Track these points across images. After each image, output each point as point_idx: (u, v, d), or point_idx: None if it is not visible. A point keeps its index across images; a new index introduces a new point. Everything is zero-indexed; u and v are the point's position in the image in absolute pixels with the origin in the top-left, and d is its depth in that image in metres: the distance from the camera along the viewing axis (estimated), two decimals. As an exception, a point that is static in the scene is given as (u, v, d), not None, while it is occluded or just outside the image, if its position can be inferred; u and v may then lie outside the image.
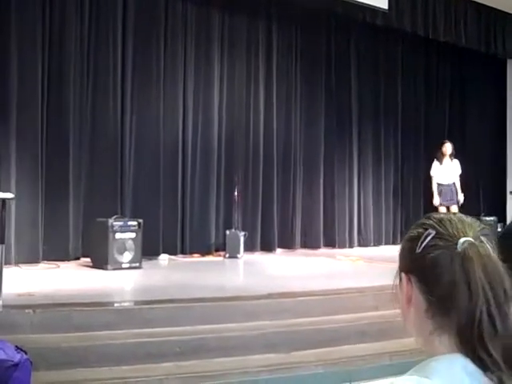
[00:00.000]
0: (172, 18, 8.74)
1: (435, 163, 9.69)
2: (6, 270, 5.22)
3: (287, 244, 9.75)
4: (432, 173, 9.68)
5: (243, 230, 8.86)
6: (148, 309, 5.09)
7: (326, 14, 9.86)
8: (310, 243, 10.00)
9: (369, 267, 8.03)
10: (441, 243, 1.08)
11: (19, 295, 5.18)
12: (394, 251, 1.22)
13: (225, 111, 9.24)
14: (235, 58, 9.36)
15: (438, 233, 1.09)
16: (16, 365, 1.48)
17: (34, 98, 7.50)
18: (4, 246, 5.18)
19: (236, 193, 8.96)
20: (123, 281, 6.61)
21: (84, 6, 7.97)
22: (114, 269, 6.92)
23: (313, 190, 10.15)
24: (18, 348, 1.67)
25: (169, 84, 8.69)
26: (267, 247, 9.46)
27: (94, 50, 8.07)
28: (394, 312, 3.77)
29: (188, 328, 4.76)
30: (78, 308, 4.82)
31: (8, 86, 7.33)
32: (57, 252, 7.52)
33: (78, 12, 7.90)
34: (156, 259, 8.03)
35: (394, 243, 10.59)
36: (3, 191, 5.72)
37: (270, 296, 5.60)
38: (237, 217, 9.19)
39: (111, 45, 8.19)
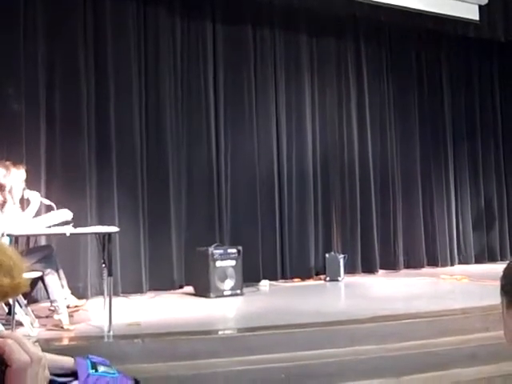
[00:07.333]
0: (260, 44, 8.87)
1: None
2: (114, 301, 5.39)
3: (389, 265, 9.57)
4: None
5: (343, 252, 8.82)
6: (251, 336, 5.11)
7: (416, 30, 9.72)
8: (412, 263, 9.79)
9: (475, 286, 7.73)
10: None
11: (128, 325, 5.35)
12: (498, 269, 1.18)
13: (318, 134, 9.24)
14: (326, 82, 9.37)
15: None
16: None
17: (131, 132, 7.78)
18: (112, 278, 5.39)
19: (334, 216, 8.92)
20: (226, 308, 6.68)
21: (176, 36, 8.24)
22: (217, 296, 7.03)
23: (412, 209, 9.95)
24: (135, 379, 1.70)
25: (261, 110, 8.79)
26: (368, 269, 9.32)
27: (187, 79, 8.27)
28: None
29: (292, 354, 4.73)
30: (184, 337, 4.91)
31: (108, 122, 7.62)
32: (161, 282, 7.73)
33: (170, 43, 8.15)
34: (257, 285, 8.09)
35: (502, 260, 10.21)
36: (108, 225, 5.97)
37: (373, 319, 5.46)
38: (336, 239, 9.15)
39: (202, 75, 8.36)
